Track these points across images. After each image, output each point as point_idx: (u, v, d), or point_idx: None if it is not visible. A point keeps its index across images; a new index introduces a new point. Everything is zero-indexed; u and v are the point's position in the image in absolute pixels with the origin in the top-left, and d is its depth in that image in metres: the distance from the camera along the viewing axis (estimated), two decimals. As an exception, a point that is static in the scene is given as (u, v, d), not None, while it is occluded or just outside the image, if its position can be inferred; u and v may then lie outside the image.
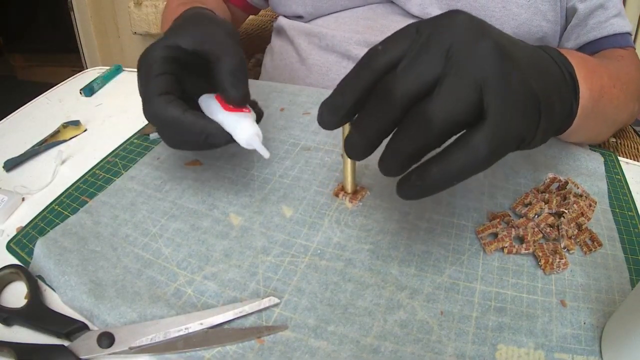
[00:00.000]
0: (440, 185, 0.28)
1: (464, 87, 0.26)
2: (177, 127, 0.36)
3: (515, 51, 0.29)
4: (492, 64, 0.27)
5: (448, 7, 0.57)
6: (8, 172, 0.46)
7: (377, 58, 0.29)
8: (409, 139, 0.28)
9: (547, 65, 0.33)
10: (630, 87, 0.48)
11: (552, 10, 0.56)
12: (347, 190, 0.41)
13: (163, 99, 0.37)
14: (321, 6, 0.63)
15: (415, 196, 0.30)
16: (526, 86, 0.28)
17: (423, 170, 0.28)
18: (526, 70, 0.29)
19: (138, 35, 1.94)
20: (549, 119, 0.30)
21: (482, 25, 0.29)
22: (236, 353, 0.29)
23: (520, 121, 0.28)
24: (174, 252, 0.36)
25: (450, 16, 0.29)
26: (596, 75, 0.40)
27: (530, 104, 0.28)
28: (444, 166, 0.27)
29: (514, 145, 0.28)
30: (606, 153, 0.49)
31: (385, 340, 0.30)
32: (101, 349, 0.29)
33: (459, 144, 0.27)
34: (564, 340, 0.30)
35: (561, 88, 0.33)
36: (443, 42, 0.27)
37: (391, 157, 0.29)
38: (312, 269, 0.35)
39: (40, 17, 2.35)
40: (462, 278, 0.34)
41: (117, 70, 0.66)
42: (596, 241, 0.37)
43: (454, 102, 0.26)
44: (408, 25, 0.30)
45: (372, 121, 0.29)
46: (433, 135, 0.27)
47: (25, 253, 0.37)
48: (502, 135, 0.27)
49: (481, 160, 0.27)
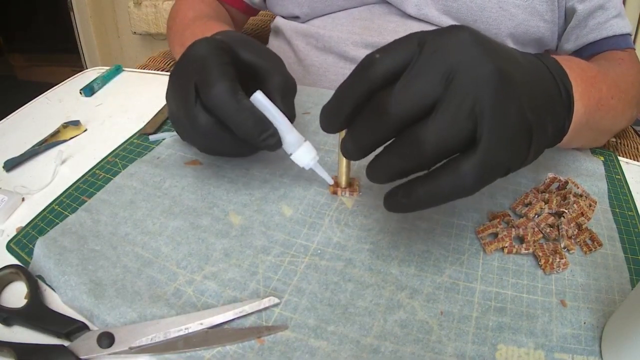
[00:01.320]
0: (425, 205, 0.29)
1: (460, 116, 0.26)
2: (242, 117, 0.35)
3: (516, 75, 0.29)
4: (491, 93, 0.27)
5: (445, 7, 0.57)
6: (8, 172, 0.46)
7: (374, 67, 0.29)
8: (399, 157, 0.28)
9: (545, 84, 0.33)
10: (630, 94, 0.48)
11: (549, 10, 0.56)
12: (342, 184, 0.41)
13: (232, 86, 0.35)
14: (317, 6, 0.63)
15: (400, 211, 0.31)
16: (522, 117, 0.28)
17: (409, 189, 0.29)
18: (524, 97, 0.28)
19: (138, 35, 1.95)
20: (539, 143, 0.30)
21: (485, 46, 0.28)
22: (236, 353, 0.29)
23: (510, 153, 0.28)
24: (173, 250, 0.36)
25: (453, 33, 0.28)
26: (595, 88, 0.40)
27: (523, 135, 0.29)
28: (430, 188, 0.28)
29: (501, 174, 0.29)
30: (606, 153, 0.49)
31: (385, 340, 0.30)
32: (101, 349, 0.29)
33: (448, 169, 0.28)
34: (564, 340, 0.30)
35: (556, 106, 0.34)
36: (443, 63, 0.27)
37: (380, 168, 0.30)
38: (312, 268, 0.35)
39: (40, 17, 2.35)
40: (462, 278, 0.34)
41: (117, 70, 0.66)
42: (596, 241, 0.37)
43: (448, 130, 0.27)
44: (409, 35, 0.29)
45: (366, 133, 0.30)
46: (424, 158, 0.27)
47: (25, 253, 0.36)
48: (490, 166, 0.27)
49: (467, 187, 0.27)
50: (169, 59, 0.78)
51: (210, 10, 0.66)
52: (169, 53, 0.79)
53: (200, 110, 0.36)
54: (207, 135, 0.37)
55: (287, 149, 0.38)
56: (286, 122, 0.37)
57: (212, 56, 0.36)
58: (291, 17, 0.67)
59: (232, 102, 0.35)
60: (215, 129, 0.37)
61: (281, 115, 0.37)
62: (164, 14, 1.80)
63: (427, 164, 0.28)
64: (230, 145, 0.38)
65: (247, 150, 0.41)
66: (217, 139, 0.38)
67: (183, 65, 0.39)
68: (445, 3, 0.57)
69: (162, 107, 0.55)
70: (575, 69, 0.37)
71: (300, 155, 0.38)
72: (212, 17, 0.63)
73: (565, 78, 0.35)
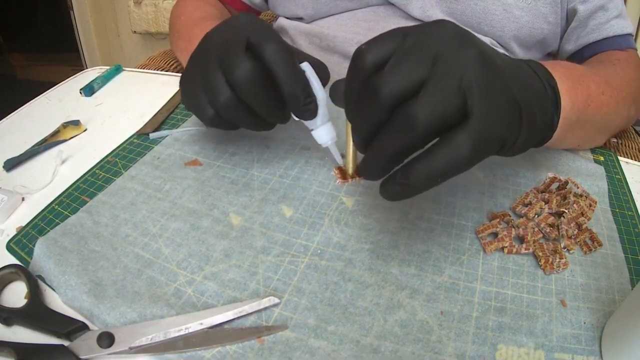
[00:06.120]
0: (425, 183, 0.29)
1: (449, 90, 0.27)
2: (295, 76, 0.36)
3: (498, 60, 0.30)
4: (477, 70, 0.28)
5: (449, 9, 0.57)
6: (8, 172, 0.46)
7: (363, 57, 0.30)
8: (392, 138, 0.28)
9: (528, 77, 0.34)
10: (624, 91, 0.48)
11: (552, 12, 0.56)
12: (349, 171, 0.43)
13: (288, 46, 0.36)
14: (321, 8, 0.63)
15: (399, 195, 0.30)
16: (508, 92, 0.29)
17: (407, 169, 0.29)
18: (508, 78, 0.29)
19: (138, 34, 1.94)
20: (530, 126, 0.31)
21: (467, 35, 0.30)
22: (236, 353, 0.29)
23: (503, 123, 0.28)
24: (174, 252, 0.36)
25: (437, 24, 0.30)
26: (582, 85, 0.41)
27: (512, 108, 0.29)
28: (428, 163, 0.28)
29: (496, 147, 0.29)
30: (606, 153, 0.49)
31: (385, 340, 0.30)
32: (101, 349, 0.29)
33: (443, 142, 0.28)
34: (564, 340, 0.30)
35: (542, 100, 0.34)
36: (430, 47, 0.28)
37: (374, 156, 0.30)
38: (312, 268, 0.35)
39: (40, 16, 2.35)
40: (462, 278, 0.34)
41: (117, 70, 0.66)
42: (596, 241, 0.37)
43: (438, 104, 0.27)
44: (395, 29, 0.31)
45: (361, 120, 0.30)
46: (416, 135, 0.27)
47: (25, 253, 0.36)
48: (485, 134, 0.27)
49: (464, 158, 0.27)
50: (169, 58, 0.78)
51: (216, 10, 0.66)
52: (169, 52, 0.79)
53: (247, 57, 0.35)
54: (244, 84, 0.36)
55: (311, 123, 0.40)
56: (323, 97, 0.38)
57: (263, 21, 0.37)
58: (294, 18, 0.67)
59: (290, 59, 0.36)
60: (254, 77, 0.35)
61: (321, 89, 0.38)
62: (164, 13, 1.80)
63: (420, 142, 0.28)
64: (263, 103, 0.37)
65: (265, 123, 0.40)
66: (253, 94, 0.36)
67: (228, 26, 0.39)
68: (449, 5, 0.57)
69: (162, 106, 0.55)
70: (559, 69, 0.38)
71: (323, 133, 0.40)
72: (220, 17, 0.63)
73: (549, 76, 0.36)
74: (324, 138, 0.40)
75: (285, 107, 0.38)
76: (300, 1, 0.63)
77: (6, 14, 2.34)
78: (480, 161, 0.28)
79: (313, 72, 0.38)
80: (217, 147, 0.48)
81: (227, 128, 0.41)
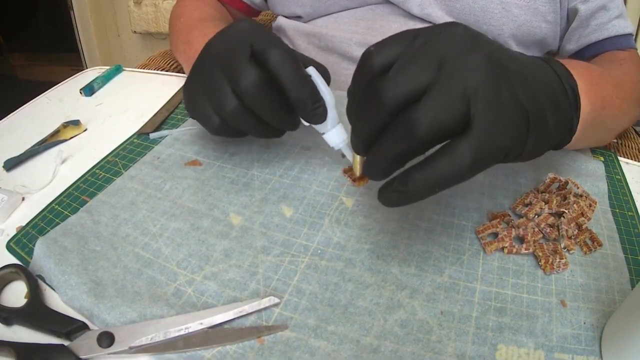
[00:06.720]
0: (423, 191, 0.28)
1: (452, 96, 0.27)
2: (302, 82, 0.36)
3: (509, 64, 0.29)
4: (481, 76, 0.27)
5: (448, 7, 0.57)
6: (8, 172, 0.46)
7: (370, 59, 0.30)
8: (393, 142, 0.28)
9: (546, 79, 0.33)
10: (632, 94, 0.48)
11: (552, 11, 0.56)
12: (356, 173, 0.42)
13: (292, 52, 0.36)
14: (319, 6, 0.63)
15: (397, 202, 0.30)
16: (515, 99, 0.28)
17: (406, 176, 0.28)
18: (516, 84, 0.29)
19: (138, 34, 1.94)
20: (540, 133, 0.30)
21: (477, 38, 0.29)
22: (236, 353, 0.29)
23: (507, 132, 0.28)
24: (174, 251, 0.36)
25: (447, 27, 0.29)
26: (599, 87, 0.40)
27: (518, 116, 0.28)
28: (427, 172, 0.27)
29: (499, 157, 0.28)
30: (606, 153, 0.49)
31: (385, 340, 0.30)
32: (101, 349, 0.29)
33: (443, 151, 0.27)
34: (564, 340, 0.30)
35: (560, 102, 0.33)
36: (436, 51, 0.28)
37: (375, 158, 0.30)
38: (312, 268, 0.35)
39: (40, 16, 2.35)
40: (462, 278, 0.34)
41: (117, 70, 0.66)
42: (596, 241, 0.37)
43: (440, 110, 0.27)
44: (405, 30, 0.30)
45: (364, 123, 0.30)
46: (417, 140, 0.27)
47: (25, 252, 0.36)
48: (487, 145, 0.27)
49: (464, 168, 0.27)
50: (169, 58, 0.78)
51: (215, 11, 0.66)
52: (169, 52, 0.79)
53: (253, 66, 0.35)
54: (251, 92, 0.35)
55: (321, 126, 0.39)
56: (331, 100, 0.38)
57: (265, 28, 0.37)
58: (293, 16, 0.67)
59: (295, 65, 0.36)
60: (261, 85, 0.35)
61: (329, 92, 0.38)
62: (164, 13, 1.80)
63: (421, 148, 0.28)
64: (271, 111, 0.37)
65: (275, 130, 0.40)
66: (260, 102, 0.36)
67: (230, 33, 0.38)
68: (448, 3, 0.57)
69: (162, 106, 0.55)
70: (579, 69, 0.37)
71: (334, 135, 0.40)
72: (219, 18, 0.63)
73: (569, 77, 0.35)
74: (336, 140, 0.40)
75: (294, 113, 0.38)
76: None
77: (6, 14, 2.34)
78: (482, 170, 0.28)
79: (319, 76, 0.38)
80: (217, 147, 0.48)
81: (233, 136, 0.41)
